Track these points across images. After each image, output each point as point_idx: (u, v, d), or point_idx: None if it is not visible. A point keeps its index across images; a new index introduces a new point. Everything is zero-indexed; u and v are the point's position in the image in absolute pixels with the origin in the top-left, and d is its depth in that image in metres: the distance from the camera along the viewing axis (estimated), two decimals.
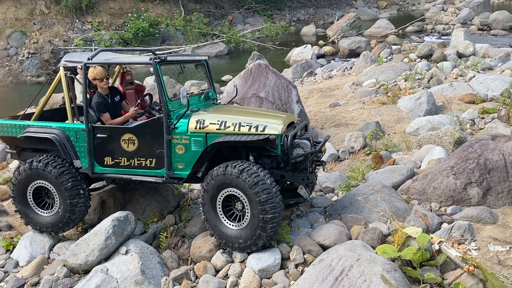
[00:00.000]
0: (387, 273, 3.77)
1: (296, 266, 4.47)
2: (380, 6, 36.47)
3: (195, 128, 4.78)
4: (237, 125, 4.67)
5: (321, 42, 24.15)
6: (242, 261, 4.64)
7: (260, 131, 4.61)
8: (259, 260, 4.48)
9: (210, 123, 4.75)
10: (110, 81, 5.99)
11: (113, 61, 5.39)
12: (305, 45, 20.08)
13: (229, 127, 4.68)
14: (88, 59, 5.12)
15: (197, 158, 4.78)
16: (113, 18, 27.35)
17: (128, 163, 5.06)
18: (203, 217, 4.71)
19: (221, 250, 4.80)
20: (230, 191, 4.51)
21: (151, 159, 4.97)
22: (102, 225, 4.90)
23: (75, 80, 5.62)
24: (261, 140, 4.55)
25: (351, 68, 15.48)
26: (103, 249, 4.78)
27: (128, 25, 25.37)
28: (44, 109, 5.83)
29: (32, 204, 5.34)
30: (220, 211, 4.63)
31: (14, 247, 5.52)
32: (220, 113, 5.08)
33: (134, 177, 5.10)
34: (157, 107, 5.56)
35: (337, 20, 28.72)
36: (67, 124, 5.31)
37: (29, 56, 24.07)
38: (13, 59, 23.90)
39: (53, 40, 25.04)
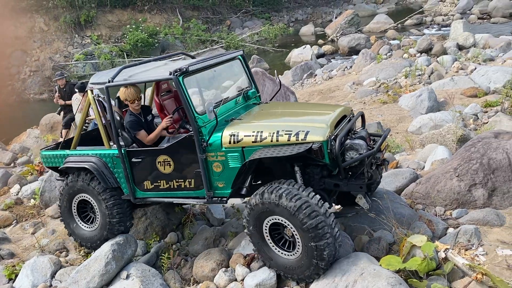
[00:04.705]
0: (391, 287, 3.66)
1: (298, 282, 4.36)
2: (378, 1, 36.17)
3: (230, 142, 4.27)
4: (275, 135, 4.11)
5: (320, 41, 24.05)
6: (243, 279, 4.55)
7: (301, 139, 4.01)
8: (254, 276, 4.37)
9: (245, 136, 4.23)
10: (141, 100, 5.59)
11: (132, 80, 4.84)
12: (304, 46, 20.01)
13: (265, 138, 4.14)
14: (109, 81, 4.74)
15: (236, 175, 4.30)
16: (112, 30, 27.46)
17: (168, 185, 4.73)
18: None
19: (223, 269, 4.70)
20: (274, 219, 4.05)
21: (190, 180, 4.59)
22: (102, 250, 4.84)
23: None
24: (303, 152, 3.96)
25: (351, 67, 15.34)
26: (104, 275, 4.71)
27: (127, 37, 25.43)
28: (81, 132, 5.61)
29: (77, 217, 5.43)
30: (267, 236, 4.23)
31: (16, 276, 5.44)
32: (257, 120, 4.61)
33: (175, 200, 4.80)
34: None
35: (335, 18, 28.70)
36: (103, 151, 5.06)
37: (31, 74, 24.21)
38: (15, 78, 24.04)
39: (53, 57, 25.18)
